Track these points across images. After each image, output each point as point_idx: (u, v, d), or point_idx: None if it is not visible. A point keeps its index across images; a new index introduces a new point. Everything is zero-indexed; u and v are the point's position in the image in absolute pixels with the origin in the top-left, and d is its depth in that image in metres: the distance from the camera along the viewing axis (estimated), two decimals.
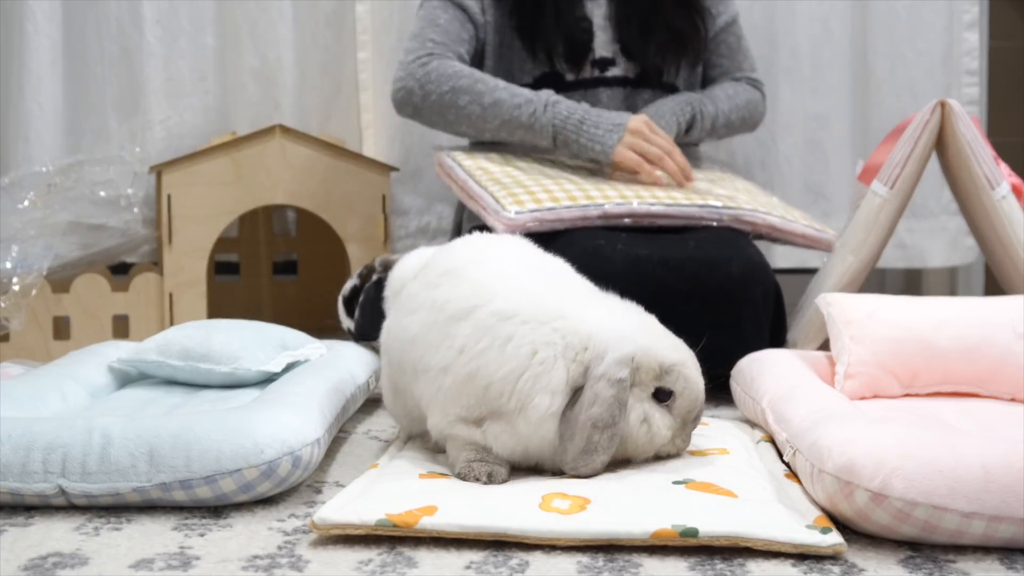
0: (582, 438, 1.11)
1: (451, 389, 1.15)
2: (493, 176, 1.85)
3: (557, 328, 1.14)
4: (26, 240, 1.95)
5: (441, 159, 1.96)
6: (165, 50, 2.38)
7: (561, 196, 1.77)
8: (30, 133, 2.35)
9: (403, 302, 1.29)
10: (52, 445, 1.10)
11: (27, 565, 0.95)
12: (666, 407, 1.18)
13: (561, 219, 1.74)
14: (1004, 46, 2.72)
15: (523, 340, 1.13)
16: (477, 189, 1.83)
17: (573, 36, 2.01)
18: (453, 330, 1.16)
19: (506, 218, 1.73)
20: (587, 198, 1.77)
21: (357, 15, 2.42)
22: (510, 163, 1.92)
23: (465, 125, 1.97)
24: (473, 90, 1.93)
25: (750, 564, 0.95)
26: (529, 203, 1.75)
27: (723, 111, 2.07)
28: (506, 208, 1.74)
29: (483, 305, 1.16)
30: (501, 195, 1.78)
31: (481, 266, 1.22)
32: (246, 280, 2.53)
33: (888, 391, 1.48)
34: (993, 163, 1.75)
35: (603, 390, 1.11)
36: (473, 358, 1.14)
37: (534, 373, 1.12)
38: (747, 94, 2.13)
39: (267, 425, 1.12)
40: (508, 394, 1.12)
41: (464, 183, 1.87)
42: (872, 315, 1.51)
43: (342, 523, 0.99)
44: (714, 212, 1.83)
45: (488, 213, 1.78)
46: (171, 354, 1.53)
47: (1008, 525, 0.96)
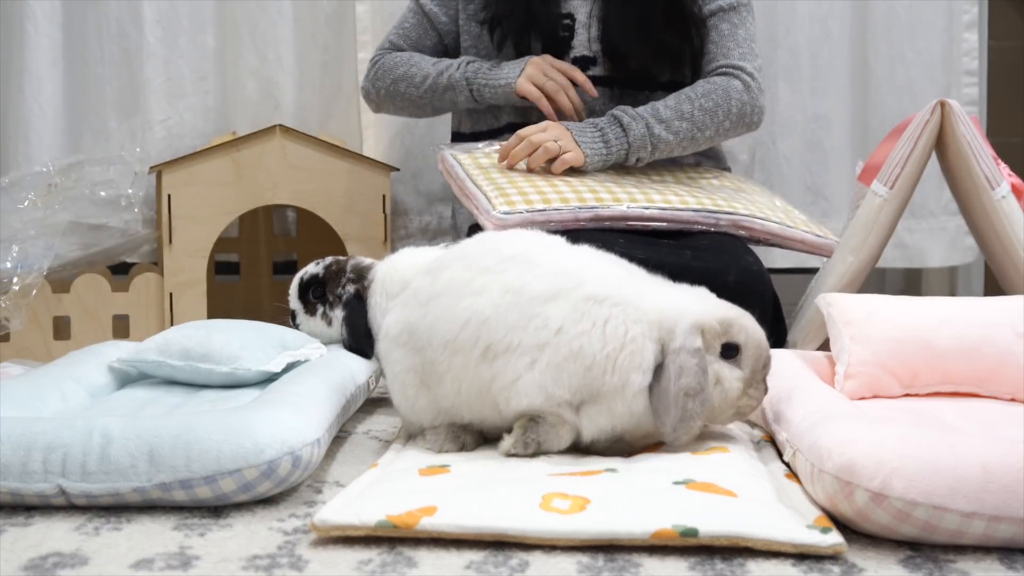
0: (677, 408, 1.18)
1: (552, 367, 1.20)
2: (490, 176, 1.84)
3: (640, 308, 1.22)
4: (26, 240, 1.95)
5: (443, 156, 1.96)
6: (165, 50, 2.38)
7: (553, 198, 1.76)
8: (30, 133, 2.35)
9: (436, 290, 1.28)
10: (52, 445, 1.10)
11: (27, 565, 0.95)
12: (734, 362, 1.25)
13: (550, 220, 1.73)
14: (1004, 46, 2.72)
15: (618, 322, 1.21)
16: (472, 188, 1.83)
17: (550, 32, 1.98)
18: (540, 310, 1.21)
19: (495, 218, 1.73)
20: (579, 200, 1.76)
21: (357, 15, 2.42)
22: None
23: (413, 108, 2.08)
24: (407, 75, 2.04)
25: (750, 564, 0.95)
26: (520, 204, 1.74)
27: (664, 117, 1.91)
28: (496, 208, 1.74)
29: (573, 288, 1.22)
30: (493, 195, 1.77)
31: (549, 251, 1.28)
32: (246, 280, 2.53)
33: (888, 391, 1.48)
34: (993, 163, 1.75)
35: (686, 361, 1.18)
36: (575, 338, 1.20)
37: (629, 352, 1.20)
38: (711, 87, 1.95)
39: (267, 425, 1.12)
40: (609, 372, 1.19)
41: (462, 182, 1.87)
42: (872, 315, 1.51)
43: (342, 524, 0.99)
44: (710, 217, 1.82)
45: (480, 212, 1.78)
46: (171, 354, 1.53)
47: (1008, 525, 0.96)
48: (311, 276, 1.74)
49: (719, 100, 1.95)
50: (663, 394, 1.19)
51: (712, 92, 1.95)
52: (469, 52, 2.05)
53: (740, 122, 1.99)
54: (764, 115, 2.04)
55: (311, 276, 1.74)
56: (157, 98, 2.38)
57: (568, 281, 1.23)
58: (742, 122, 2.00)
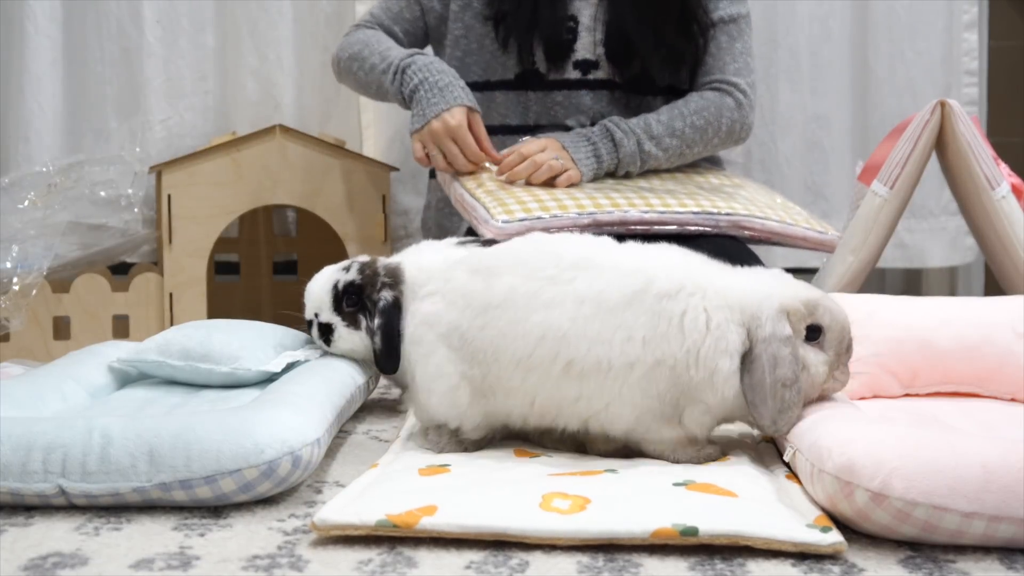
0: (775, 399, 1.16)
1: (640, 380, 1.17)
2: (485, 187, 1.83)
3: (719, 293, 1.19)
4: (26, 240, 1.95)
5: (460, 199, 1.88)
6: (165, 50, 2.39)
7: (552, 205, 1.75)
8: (30, 133, 2.35)
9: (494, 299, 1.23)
10: (52, 445, 1.10)
11: (27, 565, 0.95)
12: (817, 345, 1.22)
13: (549, 228, 1.70)
14: (1004, 46, 2.72)
15: (696, 311, 1.18)
16: (470, 200, 1.81)
17: (553, 34, 1.97)
18: (620, 320, 1.18)
19: (495, 227, 1.71)
20: (578, 207, 1.75)
21: (357, 15, 2.42)
22: None
23: (363, 89, 2.05)
24: (360, 56, 2.00)
25: (750, 564, 0.95)
26: (518, 212, 1.73)
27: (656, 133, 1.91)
28: (494, 217, 1.72)
29: (645, 289, 1.19)
30: (491, 204, 1.76)
31: (610, 252, 1.24)
32: (246, 280, 2.53)
33: (888, 391, 1.48)
34: (993, 163, 1.75)
35: (779, 350, 1.16)
36: (657, 345, 1.17)
37: (713, 338, 1.17)
38: (704, 103, 1.96)
39: (267, 425, 1.12)
40: (693, 365, 1.17)
41: (459, 195, 1.85)
42: (872, 315, 1.51)
43: (342, 524, 0.99)
44: (710, 219, 1.81)
45: (478, 222, 1.76)
46: (171, 354, 1.53)
47: (1008, 525, 0.96)
48: (348, 283, 1.51)
49: (710, 118, 1.96)
50: (758, 386, 1.16)
51: (704, 109, 1.96)
52: (460, 42, 2.03)
53: (728, 139, 2.02)
54: (752, 130, 2.06)
55: (348, 283, 1.51)
56: (157, 98, 2.38)
57: (638, 281, 1.19)
58: (730, 139, 2.02)
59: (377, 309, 1.49)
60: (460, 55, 2.03)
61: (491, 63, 2.02)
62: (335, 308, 1.52)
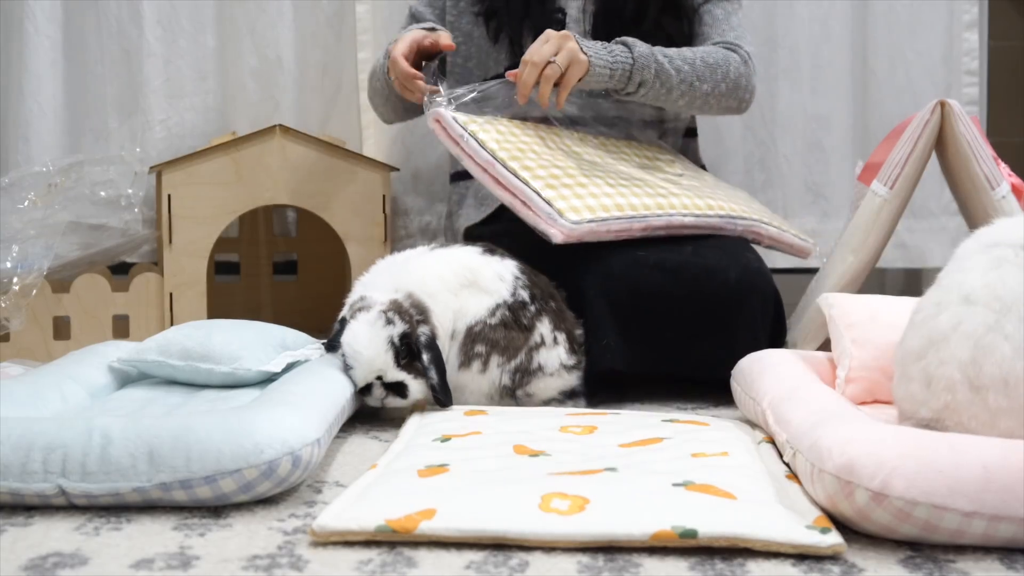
0: None
1: None
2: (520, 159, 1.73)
3: None
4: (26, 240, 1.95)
5: (443, 119, 1.78)
6: (165, 50, 2.39)
7: (609, 204, 1.70)
8: (30, 133, 2.35)
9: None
10: (52, 445, 1.10)
11: (27, 565, 0.95)
12: None
13: (610, 231, 1.68)
14: (1004, 46, 2.72)
15: None
16: (519, 184, 1.69)
17: (542, 26, 1.93)
18: None
19: (565, 228, 1.64)
20: (631, 208, 1.71)
21: (357, 15, 2.42)
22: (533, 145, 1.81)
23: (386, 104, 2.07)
24: (375, 73, 2.05)
25: (750, 564, 0.95)
26: (584, 212, 1.66)
27: (669, 53, 1.89)
28: (564, 215, 1.65)
29: None
30: (551, 196, 1.68)
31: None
32: (246, 280, 2.53)
33: (889, 396, 1.47)
34: (993, 163, 1.75)
35: None
36: None
37: None
38: (712, 49, 1.95)
39: (267, 425, 1.12)
40: None
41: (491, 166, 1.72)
42: (874, 318, 1.50)
43: (341, 530, 0.99)
44: (731, 223, 1.82)
45: (543, 220, 1.66)
46: (171, 354, 1.53)
47: (1008, 525, 0.96)
48: (403, 335, 1.48)
49: (719, 61, 1.93)
50: None
51: (714, 53, 1.94)
52: (459, 50, 2.04)
53: (734, 92, 1.96)
54: (753, 100, 2.02)
55: (403, 335, 1.48)
56: (157, 98, 2.38)
57: None
58: (735, 93, 1.97)
59: (422, 346, 1.49)
60: (461, 60, 2.05)
61: (486, 62, 2.03)
62: (398, 364, 1.48)
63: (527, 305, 1.59)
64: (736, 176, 2.47)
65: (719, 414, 1.58)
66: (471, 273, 1.60)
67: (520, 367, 1.58)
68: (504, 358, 1.57)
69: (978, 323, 1.15)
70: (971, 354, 1.14)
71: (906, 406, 1.22)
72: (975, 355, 1.14)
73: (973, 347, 1.14)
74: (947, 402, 1.16)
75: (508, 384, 1.57)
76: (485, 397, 1.58)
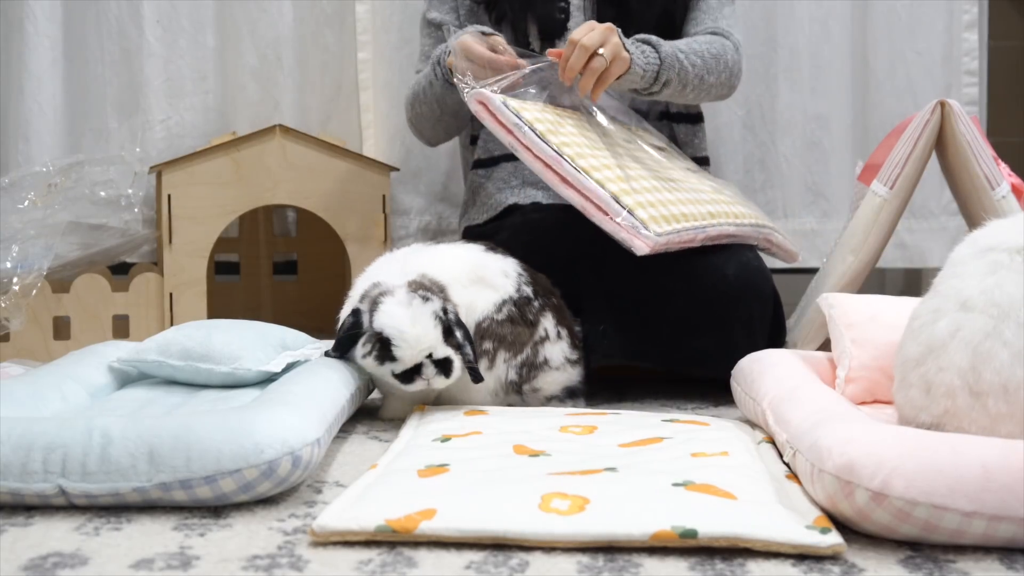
0: None
1: None
2: (600, 171, 1.66)
3: None
4: (26, 240, 1.95)
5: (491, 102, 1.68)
6: (165, 50, 2.39)
7: (676, 213, 1.68)
8: (30, 133, 2.35)
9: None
10: (52, 445, 1.10)
11: (27, 565, 0.95)
12: None
13: (681, 241, 1.66)
14: (1004, 46, 2.72)
15: None
16: (594, 188, 1.62)
17: (546, 15, 1.95)
18: None
19: (651, 240, 1.59)
20: (693, 217, 1.70)
21: (357, 15, 2.42)
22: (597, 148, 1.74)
23: (434, 122, 2.02)
24: (417, 96, 2.00)
25: (750, 564, 0.95)
26: (662, 223, 1.63)
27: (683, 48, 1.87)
28: (648, 227, 1.60)
29: None
30: (631, 204, 1.62)
31: None
32: (246, 280, 2.53)
33: (889, 396, 1.47)
34: (993, 163, 1.75)
35: None
36: None
37: None
38: (711, 39, 1.94)
39: (267, 425, 1.12)
40: None
41: (556, 162, 1.64)
42: (874, 318, 1.50)
43: (341, 530, 0.99)
44: (757, 231, 1.83)
45: (623, 227, 1.60)
46: (171, 354, 1.53)
47: (1008, 525, 0.96)
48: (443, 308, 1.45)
49: (719, 52, 1.93)
50: None
51: (713, 43, 1.94)
52: None
53: (729, 80, 1.97)
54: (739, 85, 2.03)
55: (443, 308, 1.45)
56: (157, 98, 2.38)
57: None
58: (730, 82, 1.98)
59: (453, 322, 1.46)
60: None
61: None
62: (446, 340, 1.45)
63: (531, 301, 1.59)
64: (736, 176, 2.47)
65: (719, 414, 1.58)
66: (479, 269, 1.59)
67: (526, 361, 1.57)
68: (511, 353, 1.56)
69: (976, 329, 1.15)
70: (970, 360, 1.14)
71: (906, 411, 1.22)
72: (974, 361, 1.14)
73: (972, 353, 1.14)
74: (947, 408, 1.16)
75: (515, 379, 1.57)
76: (491, 394, 1.58)
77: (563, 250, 1.71)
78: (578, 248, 1.71)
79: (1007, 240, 1.21)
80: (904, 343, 1.26)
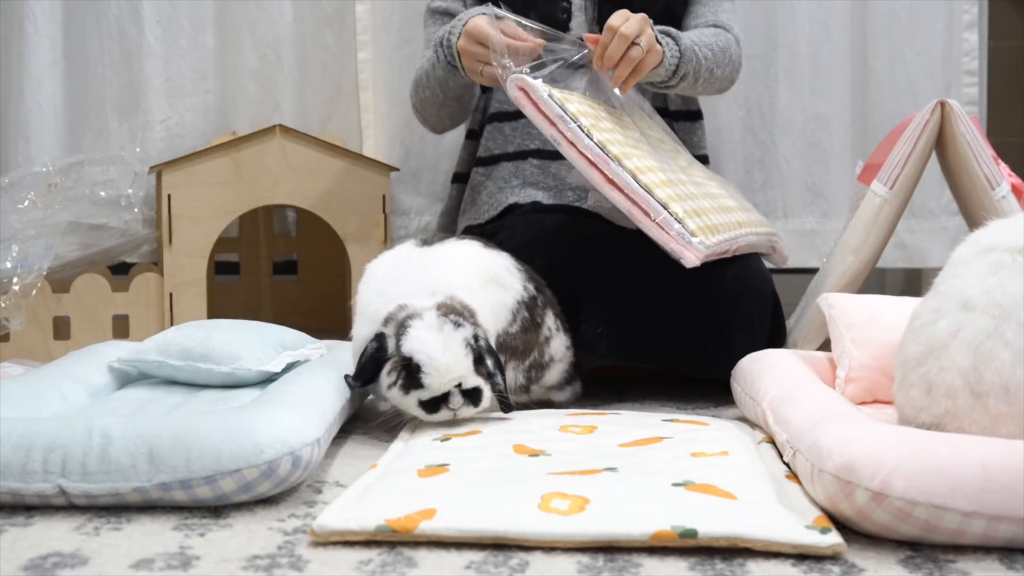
0: None
1: None
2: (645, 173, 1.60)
3: None
4: (26, 240, 1.95)
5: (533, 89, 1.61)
6: (165, 50, 2.39)
7: (717, 223, 1.67)
8: (30, 133, 2.35)
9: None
10: (52, 445, 1.10)
11: (27, 565, 0.95)
12: None
13: (719, 253, 1.64)
14: (1004, 46, 2.72)
15: None
16: (641, 192, 1.57)
17: (548, 14, 1.93)
18: None
19: (700, 251, 1.56)
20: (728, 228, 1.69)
21: (357, 15, 2.42)
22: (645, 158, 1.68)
23: (441, 109, 2.00)
24: (420, 81, 1.97)
25: (750, 564, 0.95)
26: (708, 233, 1.61)
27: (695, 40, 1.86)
28: (696, 235, 1.57)
29: None
30: (680, 213, 1.58)
31: None
32: (246, 280, 2.53)
33: (888, 396, 1.47)
34: (993, 163, 1.75)
35: None
36: None
37: None
38: (717, 32, 1.94)
39: (267, 425, 1.12)
40: None
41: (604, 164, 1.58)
42: (874, 318, 1.50)
43: (341, 530, 0.99)
44: (768, 239, 1.84)
45: (672, 237, 1.56)
46: (171, 354, 1.53)
47: (1008, 525, 0.96)
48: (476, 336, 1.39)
49: (724, 44, 1.93)
50: None
51: (719, 35, 1.94)
52: None
53: (732, 74, 1.97)
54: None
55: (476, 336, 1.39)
56: (157, 98, 2.38)
57: None
58: (732, 76, 1.98)
59: (484, 350, 1.39)
60: None
61: None
62: (476, 369, 1.38)
63: (536, 299, 1.58)
64: (736, 176, 2.46)
65: (719, 414, 1.59)
66: (490, 269, 1.55)
67: (534, 363, 1.57)
68: (519, 360, 1.56)
69: (978, 330, 1.15)
70: (971, 361, 1.14)
71: (907, 411, 1.23)
72: (975, 362, 1.14)
73: (973, 354, 1.14)
74: (948, 408, 1.16)
75: (523, 382, 1.57)
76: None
77: (563, 252, 1.71)
78: (578, 249, 1.71)
79: (1009, 240, 1.21)
80: (905, 343, 1.26)
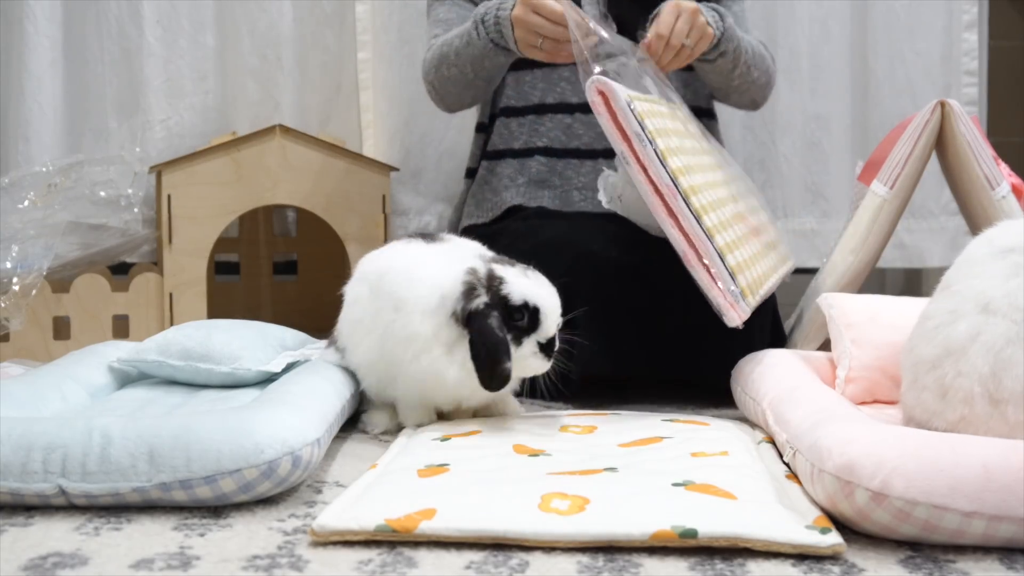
0: None
1: None
2: (708, 213, 1.54)
3: None
4: (26, 240, 1.95)
5: (616, 98, 1.50)
6: (165, 50, 2.39)
7: (759, 274, 1.64)
8: (30, 133, 2.35)
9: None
10: (52, 445, 1.10)
11: (27, 565, 0.95)
12: None
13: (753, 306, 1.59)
14: (1004, 46, 2.72)
15: None
16: (702, 237, 1.50)
17: None
18: None
19: (745, 312, 1.50)
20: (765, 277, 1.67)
21: (357, 15, 2.42)
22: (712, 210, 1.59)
23: (466, 89, 1.97)
24: (446, 58, 1.94)
25: (750, 564, 0.95)
26: (752, 294, 1.56)
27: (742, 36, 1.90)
28: (746, 295, 1.52)
29: None
30: (734, 266, 1.52)
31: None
32: (246, 280, 2.53)
33: (889, 396, 1.48)
34: (993, 163, 1.75)
35: None
36: None
37: None
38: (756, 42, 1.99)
39: (267, 425, 1.12)
40: None
41: (670, 194, 1.50)
42: (874, 318, 1.50)
43: (341, 530, 0.99)
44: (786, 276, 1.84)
45: (722, 292, 1.49)
46: (171, 354, 1.53)
47: (1008, 524, 0.96)
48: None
49: (763, 54, 1.97)
50: None
51: (757, 45, 1.96)
52: None
53: (765, 88, 2.01)
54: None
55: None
56: (157, 98, 2.38)
57: None
58: (765, 91, 2.01)
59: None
60: None
61: None
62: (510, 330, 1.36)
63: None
64: None
65: (719, 414, 1.58)
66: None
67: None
68: None
69: (998, 335, 1.13)
70: (991, 366, 1.12)
71: (917, 414, 1.21)
72: (995, 368, 1.12)
73: (993, 359, 1.12)
74: (964, 415, 1.14)
75: None
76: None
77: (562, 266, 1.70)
78: (578, 264, 1.69)
79: None
80: (916, 343, 1.23)
